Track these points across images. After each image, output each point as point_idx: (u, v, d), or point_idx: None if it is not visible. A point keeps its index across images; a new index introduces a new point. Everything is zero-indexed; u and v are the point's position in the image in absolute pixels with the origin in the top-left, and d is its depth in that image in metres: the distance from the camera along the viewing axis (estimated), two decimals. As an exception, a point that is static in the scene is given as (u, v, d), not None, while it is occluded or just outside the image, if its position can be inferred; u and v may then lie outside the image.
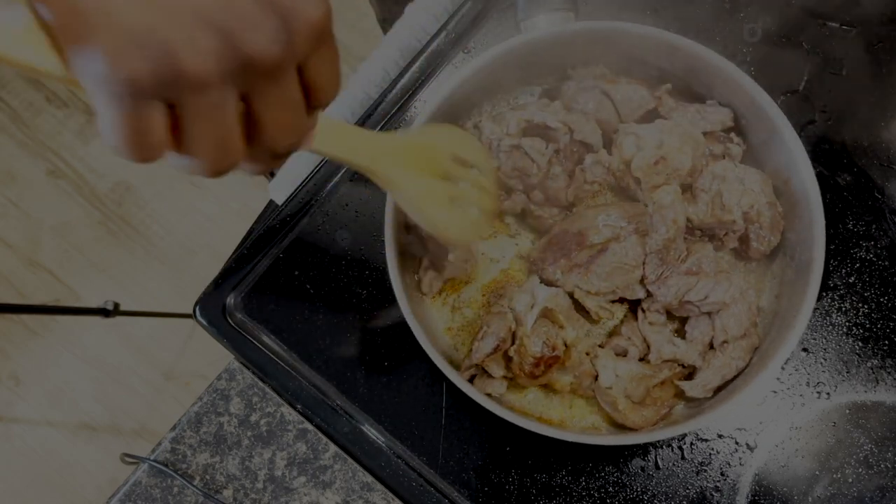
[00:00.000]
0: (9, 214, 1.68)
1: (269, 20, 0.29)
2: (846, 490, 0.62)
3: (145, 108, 0.28)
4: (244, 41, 0.28)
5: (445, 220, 0.51)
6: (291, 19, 0.29)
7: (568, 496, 0.62)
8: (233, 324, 0.65)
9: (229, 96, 0.30)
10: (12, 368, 1.60)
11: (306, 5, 0.30)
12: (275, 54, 0.29)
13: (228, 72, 0.29)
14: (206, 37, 0.28)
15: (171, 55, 0.27)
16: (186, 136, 0.30)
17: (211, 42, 0.28)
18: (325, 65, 0.33)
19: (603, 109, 0.63)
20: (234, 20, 0.28)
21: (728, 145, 0.63)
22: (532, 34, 0.62)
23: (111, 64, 0.27)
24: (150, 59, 0.27)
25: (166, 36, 0.27)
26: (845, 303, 0.65)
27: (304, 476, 0.65)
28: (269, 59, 0.29)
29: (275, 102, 0.31)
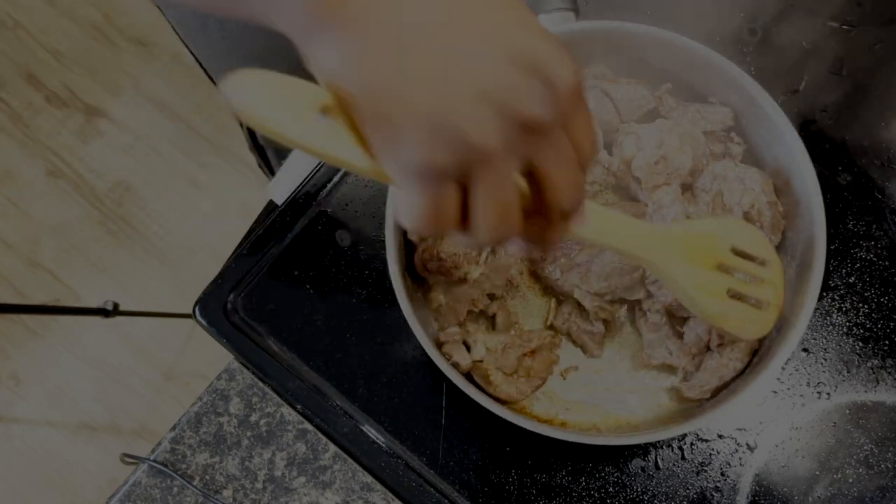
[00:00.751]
0: (9, 214, 1.68)
1: (536, 86, 0.31)
2: (846, 490, 0.62)
3: (445, 189, 0.32)
4: (519, 109, 0.31)
5: (722, 313, 0.51)
6: (554, 83, 0.32)
7: (568, 496, 0.62)
8: (233, 324, 0.65)
9: (512, 167, 0.33)
10: (12, 368, 1.60)
11: (565, 70, 0.32)
12: (546, 115, 0.32)
13: (510, 141, 0.32)
14: (488, 113, 0.31)
15: (465, 137, 0.30)
16: (473, 209, 0.33)
17: (492, 118, 0.31)
18: (583, 124, 0.35)
19: (603, 109, 0.63)
20: (507, 92, 0.31)
21: (728, 145, 0.63)
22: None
23: (418, 153, 0.31)
24: (449, 143, 0.31)
25: (458, 120, 0.30)
26: (845, 303, 0.65)
27: (303, 476, 0.65)
28: (543, 120, 0.32)
29: (554, 160, 0.34)
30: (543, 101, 0.32)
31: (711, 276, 0.50)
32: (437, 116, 0.30)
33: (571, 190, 0.35)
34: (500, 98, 0.31)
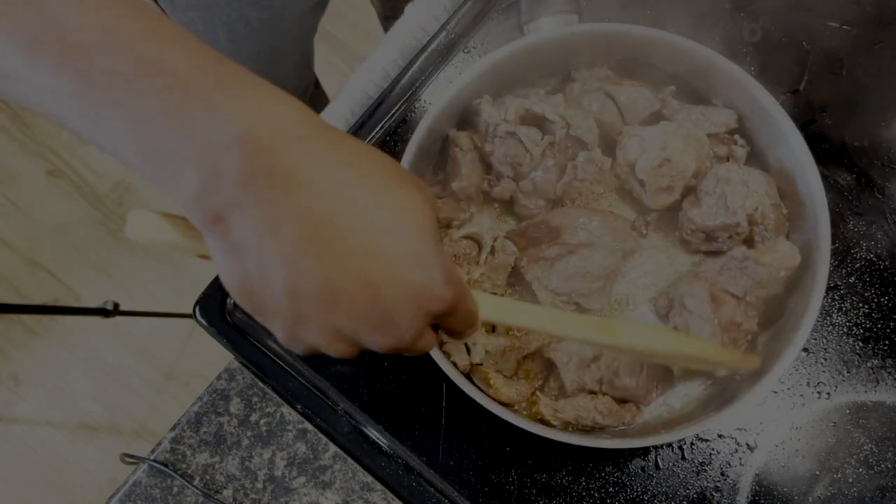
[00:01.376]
0: (9, 214, 1.68)
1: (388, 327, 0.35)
2: (846, 490, 0.62)
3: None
4: (366, 342, 0.36)
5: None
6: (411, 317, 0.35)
7: (568, 496, 0.62)
8: (233, 324, 0.65)
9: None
10: (12, 368, 1.60)
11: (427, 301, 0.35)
12: (392, 347, 0.36)
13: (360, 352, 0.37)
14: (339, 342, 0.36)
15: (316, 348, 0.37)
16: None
17: (342, 345, 0.36)
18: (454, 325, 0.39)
19: (607, 111, 0.63)
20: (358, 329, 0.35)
21: (732, 147, 0.63)
22: (536, 36, 0.62)
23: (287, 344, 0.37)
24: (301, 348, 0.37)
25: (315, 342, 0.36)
26: (845, 303, 0.65)
27: (303, 476, 0.65)
28: (389, 349, 0.36)
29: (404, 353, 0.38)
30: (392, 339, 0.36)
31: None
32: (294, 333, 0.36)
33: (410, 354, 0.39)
34: (351, 334, 0.35)
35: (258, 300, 0.35)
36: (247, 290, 0.34)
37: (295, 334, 0.36)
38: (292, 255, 0.33)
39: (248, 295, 0.35)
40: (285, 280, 0.33)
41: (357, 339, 0.36)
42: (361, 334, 0.35)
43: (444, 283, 0.36)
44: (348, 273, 0.33)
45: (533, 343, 0.61)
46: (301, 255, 0.33)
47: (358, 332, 0.35)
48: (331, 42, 1.70)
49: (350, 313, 0.34)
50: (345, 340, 0.36)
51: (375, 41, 0.76)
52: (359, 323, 0.35)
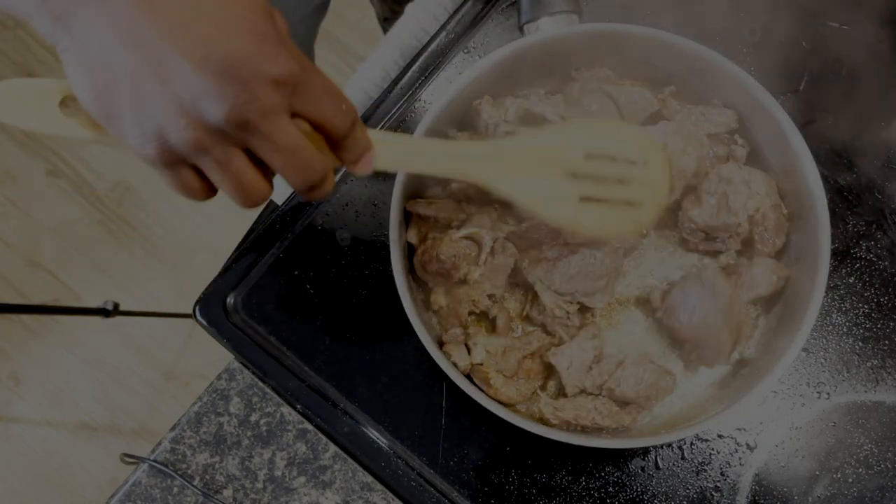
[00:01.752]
0: (9, 214, 1.68)
1: (226, 89, 0.35)
2: (846, 490, 0.62)
3: (176, 171, 0.38)
4: (209, 111, 0.35)
5: (571, 218, 0.50)
6: (248, 81, 0.35)
7: (568, 496, 0.62)
8: (233, 324, 0.65)
9: (229, 152, 0.38)
10: (12, 368, 1.60)
11: (262, 65, 0.36)
12: (238, 115, 0.36)
13: (212, 138, 0.36)
14: (183, 117, 0.35)
15: (166, 140, 0.36)
16: (214, 183, 0.39)
17: (187, 120, 0.36)
18: (312, 105, 0.39)
19: (607, 112, 0.63)
20: (197, 97, 0.35)
21: (732, 147, 0.63)
22: (536, 37, 0.62)
23: (137, 148, 0.37)
24: (156, 143, 0.36)
25: (161, 124, 0.36)
26: (845, 303, 0.65)
27: (304, 476, 0.65)
28: (236, 119, 0.36)
29: (268, 150, 0.38)
30: (233, 103, 0.35)
31: (556, 185, 0.49)
32: (141, 121, 0.36)
33: (297, 173, 0.39)
34: (191, 103, 0.35)
35: (108, 95, 0.35)
36: (96, 85, 0.36)
37: (142, 122, 0.36)
38: (125, 33, 0.35)
39: (99, 92, 0.36)
40: (124, 60, 0.35)
41: (197, 109, 0.35)
42: (200, 100, 0.35)
43: (277, 45, 0.37)
44: (179, 39, 0.35)
45: (534, 343, 0.61)
46: (133, 32, 0.35)
47: (196, 98, 0.35)
48: (331, 42, 1.70)
49: (185, 77, 0.35)
50: (187, 114, 0.35)
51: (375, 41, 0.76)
52: (195, 85, 0.35)
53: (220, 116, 0.35)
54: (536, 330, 0.62)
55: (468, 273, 0.61)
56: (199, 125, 0.36)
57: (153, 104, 0.35)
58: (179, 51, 0.35)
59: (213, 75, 0.35)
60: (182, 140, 0.36)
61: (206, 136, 0.36)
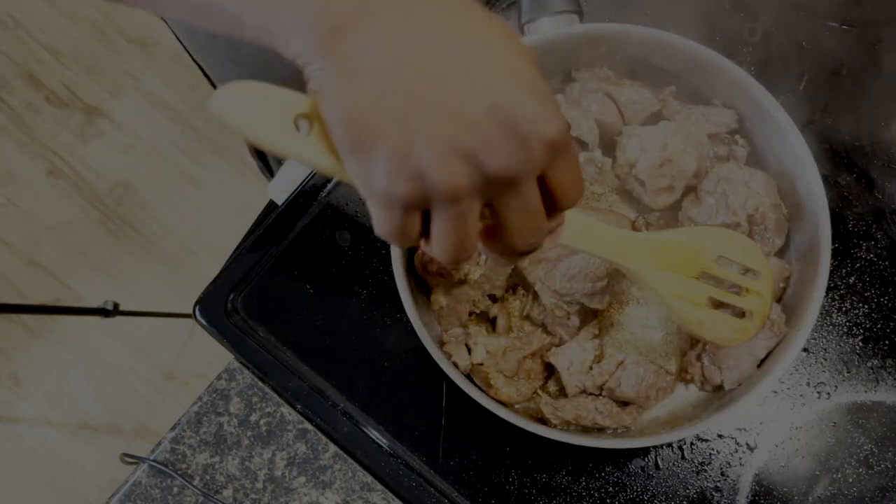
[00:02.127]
0: (9, 214, 1.68)
1: (508, 142, 0.33)
2: (846, 490, 0.62)
3: (406, 215, 0.35)
4: (485, 162, 0.33)
5: (698, 321, 0.53)
6: (529, 139, 0.33)
7: (568, 496, 0.62)
8: (233, 324, 0.65)
9: (473, 206, 0.35)
10: (12, 368, 1.60)
11: (544, 125, 0.34)
12: (511, 171, 0.34)
13: (473, 187, 0.34)
14: (454, 161, 0.33)
15: (428, 180, 0.33)
16: (433, 235, 0.36)
17: (458, 165, 0.33)
18: (563, 173, 0.37)
19: (607, 111, 0.63)
20: (478, 144, 0.33)
21: (733, 147, 0.63)
22: (536, 36, 0.62)
23: (382, 183, 0.34)
24: (413, 182, 0.33)
25: (425, 163, 0.33)
26: (845, 303, 0.65)
27: (303, 476, 0.65)
28: (507, 175, 0.34)
29: (514, 209, 0.36)
30: (512, 158, 0.33)
31: (691, 285, 0.52)
32: (405, 155, 0.33)
33: (525, 236, 0.37)
34: (469, 149, 0.33)
35: (367, 124, 0.33)
36: (355, 110, 0.33)
37: (406, 155, 0.33)
38: (411, 70, 0.33)
39: (357, 119, 0.33)
40: (401, 94, 0.33)
41: (473, 156, 0.33)
42: (479, 147, 0.33)
43: (556, 110, 0.35)
44: (469, 89, 0.33)
45: (534, 343, 0.61)
46: (419, 70, 0.33)
47: (475, 145, 0.33)
48: (331, 42, 1.70)
49: (470, 122, 0.33)
50: (461, 156, 0.33)
51: (375, 41, 0.76)
52: (477, 132, 0.33)
53: (495, 169, 0.33)
54: (537, 330, 0.63)
55: (468, 273, 0.61)
56: (469, 174, 0.34)
57: (423, 143, 0.33)
58: (467, 92, 0.33)
59: (499, 126, 0.33)
60: (442, 184, 0.33)
61: (468, 185, 0.34)
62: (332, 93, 0.34)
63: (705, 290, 0.52)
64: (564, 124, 0.35)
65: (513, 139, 0.33)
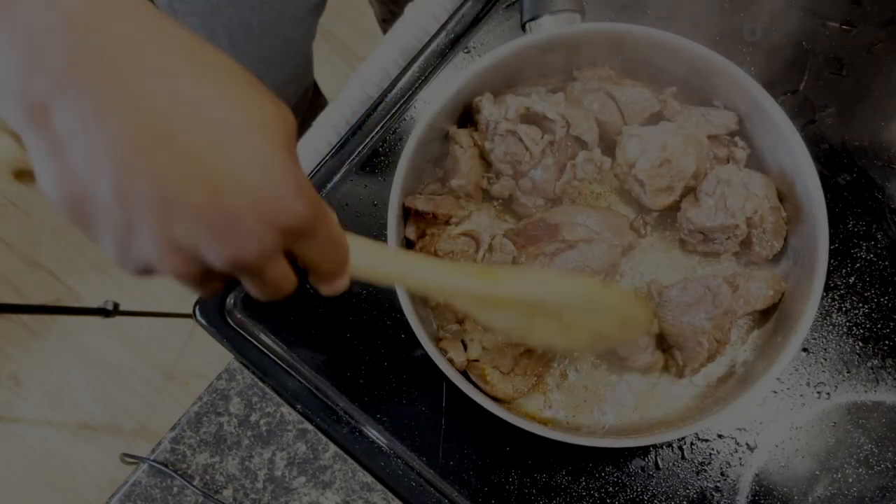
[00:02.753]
0: (9, 214, 1.68)
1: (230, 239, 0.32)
2: (846, 490, 0.62)
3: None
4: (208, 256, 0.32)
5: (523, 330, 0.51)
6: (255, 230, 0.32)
7: (568, 496, 0.62)
8: (233, 324, 0.65)
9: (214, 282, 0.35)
10: (12, 368, 1.60)
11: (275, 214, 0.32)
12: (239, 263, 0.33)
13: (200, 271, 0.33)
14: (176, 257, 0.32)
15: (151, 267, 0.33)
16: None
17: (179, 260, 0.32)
18: (311, 253, 0.36)
19: (607, 111, 0.63)
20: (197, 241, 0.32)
21: (732, 149, 0.63)
22: (538, 35, 0.62)
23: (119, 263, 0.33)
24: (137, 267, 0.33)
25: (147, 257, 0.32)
26: (845, 303, 0.65)
27: (303, 476, 0.65)
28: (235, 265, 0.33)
29: (256, 283, 0.36)
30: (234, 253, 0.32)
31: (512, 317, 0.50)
32: (122, 243, 0.32)
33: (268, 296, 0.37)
34: (188, 245, 0.32)
35: (84, 208, 0.31)
36: (71, 196, 0.31)
37: (126, 247, 0.32)
38: (121, 150, 0.29)
39: (72, 203, 0.31)
40: (113, 180, 0.30)
41: (195, 251, 0.32)
42: (200, 244, 0.32)
43: (295, 193, 0.32)
44: (185, 172, 0.30)
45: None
46: (131, 150, 0.29)
47: (196, 242, 0.31)
48: (331, 42, 1.70)
49: (186, 219, 0.31)
50: (181, 252, 0.32)
51: (375, 41, 0.76)
52: (196, 230, 0.31)
53: (218, 261, 0.32)
54: None
55: None
56: (192, 266, 0.33)
57: (143, 236, 0.31)
58: (187, 187, 0.30)
59: (221, 226, 0.31)
60: (168, 272, 0.33)
61: (196, 272, 0.33)
62: (43, 172, 0.31)
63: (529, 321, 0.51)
64: (304, 209, 0.33)
65: (237, 236, 0.32)
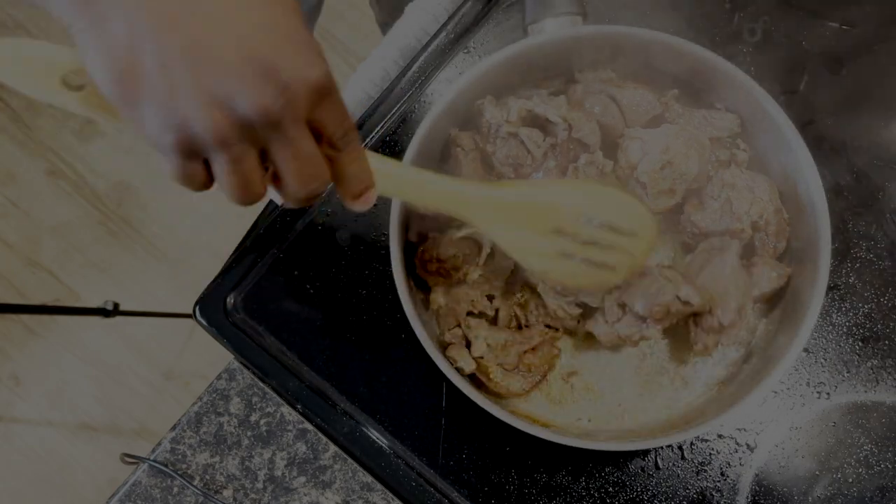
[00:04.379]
0: (9, 214, 1.68)
1: (265, 87, 0.35)
2: (846, 490, 0.62)
3: (187, 162, 0.37)
4: (243, 107, 0.35)
5: (543, 270, 0.53)
6: (288, 84, 0.35)
7: (568, 496, 0.62)
8: (233, 324, 0.65)
9: (246, 152, 0.37)
10: (12, 368, 1.60)
11: (303, 70, 0.36)
12: (272, 115, 0.35)
13: (237, 133, 0.36)
14: (215, 108, 0.35)
15: (193, 126, 0.35)
16: (217, 181, 0.39)
17: (218, 112, 0.35)
18: (328, 113, 0.38)
19: (609, 113, 0.63)
20: (235, 90, 0.35)
21: (734, 151, 0.63)
22: (540, 37, 0.62)
23: (155, 135, 0.36)
24: (177, 131, 0.35)
25: (188, 112, 0.35)
26: (845, 303, 0.65)
27: (303, 476, 0.65)
28: (268, 119, 0.35)
29: (286, 156, 0.38)
30: (269, 102, 0.35)
31: (538, 240, 0.51)
32: (168, 106, 0.34)
33: (304, 181, 0.39)
34: (227, 96, 0.34)
35: (131, 78, 0.34)
36: (118, 68, 0.34)
37: (167, 112, 0.35)
38: (159, 15, 0.33)
39: (120, 75, 0.34)
40: (155, 45, 0.33)
41: (232, 104, 0.35)
42: (236, 96, 0.35)
43: (316, 54, 0.36)
44: (226, 40, 0.34)
45: (535, 338, 0.61)
46: (177, 22, 0.34)
47: (232, 94, 0.34)
48: (331, 42, 1.70)
49: (224, 72, 0.34)
50: (219, 105, 0.35)
51: (375, 41, 0.76)
52: (233, 82, 0.34)
53: (254, 114, 0.35)
54: (540, 327, 0.62)
55: (467, 273, 0.61)
56: (230, 121, 0.35)
57: (184, 94, 0.34)
58: (221, 44, 0.34)
59: (255, 74, 0.34)
60: (207, 133, 0.35)
61: (233, 132, 0.36)
62: (93, 51, 0.34)
63: (553, 245, 0.52)
64: (325, 69, 0.37)
65: (270, 84, 0.35)
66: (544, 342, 0.61)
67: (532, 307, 0.62)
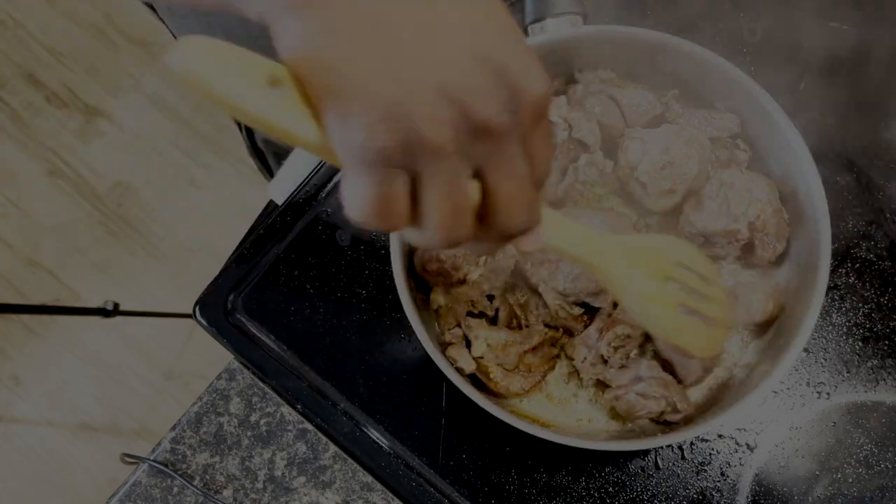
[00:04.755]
0: (9, 214, 1.68)
1: (499, 92, 0.31)
2: (846, 490, 0.62)
3: (391, 177, 0.31)
4: (477, 111, 0.30)
5: (675, 327, 0.50)
6: (519, 93, 0.31)
7: (568, 496, 0.62)
8: (233, 324, 0.65)
9: (464, 167, 0.32)
10: (12, 368, 1.60)
11: (533, 81, 0.32)
12: (504, 123, 0.31)
13: (462, 141, 0.31)
14: (444, 108, 0.30)
15: (415, 126, 0.30)
16: (424, 204, 0.32)
17: (447, 113, 0.30)
18: (542, 140, 0.34)
19: (609, 113, 0.63)
20: (469, 93, 0.30)
21: (734, 151, 0.63)
22: (540, 37, 0.62)
23: (366, 135, 0.30)
24: (399, 131, 0.30)
25: (411, 109, 0.30)
26: (845, 303, 0.65)
27: (303, 476, 0.65)
28: (499, 126, 0.31)
29: (504, 175, 0.33)
30: (504, 109, 0.31)
31: (662, 287, 0.49)
32: (390, 102, 0.30)
33: (519, 209, 0.34)
34: (459, 95, 0.30)
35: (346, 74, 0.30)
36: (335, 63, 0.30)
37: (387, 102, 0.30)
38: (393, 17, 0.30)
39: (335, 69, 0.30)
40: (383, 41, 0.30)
41: (465, 101, 0.30)
42: (470, 93, 0.30)
43: (545, 72, 0.33)
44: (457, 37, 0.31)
45: (535, 338, 0.61)
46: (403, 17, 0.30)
47: (466, 90, 0.30)
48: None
49: (459, 66, 0.30)
50: (448, 101, 0.30)
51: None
52: (467, 77, 0.30)
53: (485, 117, 0.31)
54: (540, 327, 0.62)
55: (468, 273, 0.61)
56: (456, 121, 0.30)
57: (409, 86, 0.30)
58: (454, 40, 0.31)
59: (490, 73, 0.31)
60: (433, 133, 0.30)
61: (456, 137, 0.31)
62: (307, 38, 0.31)
63: (676, 295, 0.50)
64: (550, 85, 0.33)
65: (504, 88, 0.31)
66: (544, 342, 0.61)
67: (532, 307, 0.62)
